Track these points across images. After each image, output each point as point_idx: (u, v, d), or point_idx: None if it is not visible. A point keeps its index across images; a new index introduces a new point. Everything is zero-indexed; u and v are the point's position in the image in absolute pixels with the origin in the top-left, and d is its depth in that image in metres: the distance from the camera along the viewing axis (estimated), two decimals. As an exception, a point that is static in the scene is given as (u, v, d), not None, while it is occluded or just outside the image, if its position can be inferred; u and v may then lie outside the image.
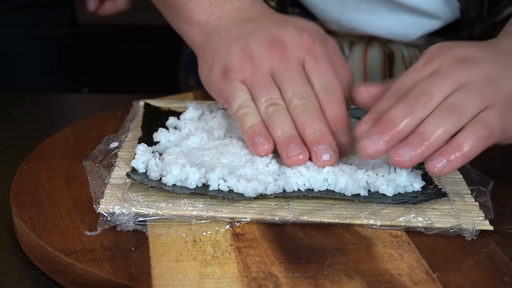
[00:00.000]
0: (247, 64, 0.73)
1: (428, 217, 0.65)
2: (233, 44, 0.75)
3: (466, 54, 0.68)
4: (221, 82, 0.75)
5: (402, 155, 0.64)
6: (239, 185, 0.67)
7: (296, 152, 0.69)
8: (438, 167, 0.64)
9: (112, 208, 0.64)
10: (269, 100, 0.72)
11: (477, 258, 0.61)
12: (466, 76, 0.66)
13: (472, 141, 0.64)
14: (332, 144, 0.70)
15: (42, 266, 0.63)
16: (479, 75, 0.66)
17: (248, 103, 0.73)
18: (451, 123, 0.64)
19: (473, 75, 0.66)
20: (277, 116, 0.71)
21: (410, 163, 0.64)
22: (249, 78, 0.73)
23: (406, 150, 0.64)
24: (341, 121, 0.72)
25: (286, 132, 0.71)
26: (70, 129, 0.83)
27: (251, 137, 0.71)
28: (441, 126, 0.64)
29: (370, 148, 0.65)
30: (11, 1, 1.15)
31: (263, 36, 0.74)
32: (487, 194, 0.68)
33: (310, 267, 0.59)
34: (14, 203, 0.68)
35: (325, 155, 0.69)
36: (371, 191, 0.68)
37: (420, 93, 0.65)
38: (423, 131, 0.64)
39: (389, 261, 0.60)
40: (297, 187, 0.68)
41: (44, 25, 1.21)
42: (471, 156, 0.64)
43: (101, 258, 0.60)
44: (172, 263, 0.59)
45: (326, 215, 0.65)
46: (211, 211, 0.65)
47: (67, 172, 0.73)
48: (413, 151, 0.64)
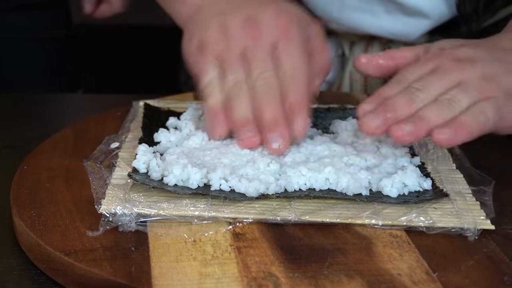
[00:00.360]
0: (221, 41, 0.75)
1: (430, 216, 0.65)
2: (213, 19, 0.76)
3: (465, 54, 0.70)
4: (196, 54, 0.76)
5: (403, 129, 0.65)
6: (240, 185, 0.67)
7: (248, 135, 0.72)
8: (445, 137, 0.65)
9: (114, 208, 0.64)
10: (234, 79, 0.73)
11: (477, 258, 0.61)
12: (463, 74, 0.68)
13: (472, 121, 0.66)
14: (283, 133, 0.71)
15: (42, 266, 0.63)
16: (476, 73, 0.68)
17: (215, 80, 0.74)
18: (447, 111, 0.66)
19: (470, 73, 0.68)
20: (238, 97, 0.73)
21: (409, 137, 0.66)
22: (221, 54, 0.75)
23: (407, 125, 0.65)
24: (300, 108, 0.72)
25: (243, 114, 0.72)
26: (70, 129, 0.83)
27: (210, 119, 0.74)
28: (438, 113, 0.66)
29: (370, 124, 0.67)
30: (8, 1, 1.15)
31: (242, 14, 0.76)
32: (488, 193, 0.68)
33: (310, 267, 0.59)
34: (14, 203, 0.68)
35: (275, 143, 0.71)
36: (373, 191, 0.68)
37: (419, 88, 0.68)
38: (421, 114, 0.66)
39: (389, 261, 0.60)
40: (298, 187, 0.68)
41: (40, 27, 1.21)
42: (472, 134, 0.66)
43: (101, 258, 0.60)
44: (172, 263, 0.59)
45: (328, 215, 0.65)
46: (213, 211, 0.65)
47: (67, 172, 0.73)
48: (414, 127, 0.65)
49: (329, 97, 0.96)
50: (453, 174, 0.72)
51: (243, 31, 0.75)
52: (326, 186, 0.68)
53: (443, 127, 0.65)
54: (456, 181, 0.71)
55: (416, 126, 0.65)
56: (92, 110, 0.90)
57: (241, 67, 0.74)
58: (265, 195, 0.67)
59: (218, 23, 0.76)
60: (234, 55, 0.74)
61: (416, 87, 0.68)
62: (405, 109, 0.67)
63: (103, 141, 0.76)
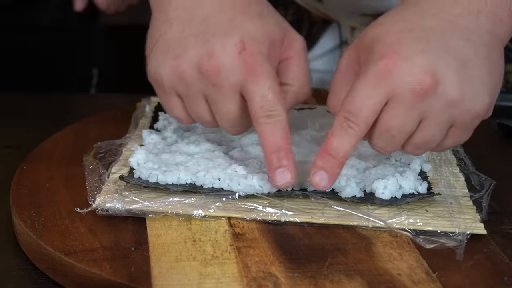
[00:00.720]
0: (179, 83, 0.67)
1: (420, 219, 0.65)
2: (170, 50, 0.67)
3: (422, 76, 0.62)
4: (155, 86, 0.70)
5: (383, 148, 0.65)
6: (233, 184, 0.67)
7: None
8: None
9: (108, 203, 0.65)
10: (200, 120, 0.69)
11: (476, 258, 0.61)
12: (427, 108, 0.63)
13: (455, 143, 0.66)
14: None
15: (42, 266, 0.63)
16: (441, 102, 0.63)
17: (183, 114, 0.70)
18: (427, 149, 0.66)
19: (433, 106, 0.63)
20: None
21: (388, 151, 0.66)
22: (183, 98, 0.69)
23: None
24: (283, 152, 0.66)
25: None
26: (70, 129, 0.83)
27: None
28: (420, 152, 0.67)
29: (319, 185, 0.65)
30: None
31: (197, 54, 0.66)
32: (486, 196, 0.68)
33: (310, 267, 0.59)
34: (14, 203, 0.68)
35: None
36: (367, 192, 0.68)
37: (383, 130, 0.64)
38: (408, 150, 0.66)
39: (388, 261, 0.60)
40: (291, 187, 0.68)
41: (56, 24, 1.22)
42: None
43: (101, 258, 0.60)
44: (171, 263, 0.59)
45: (316, 214, 0.65)
46: (206, 209, 0.65)
47: (67, 172, 0.73)
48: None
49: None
50: (454, 177, 0.72)
51: (201, 77, 0.66)
52: None
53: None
54: (455, 184, 0.71)
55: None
56: (96, 109, 0.90)
57: (207, 114, 0.68)
58: (257, 194, 0.67)
59: (173, 60, 0.67)
60: (196, 102, 0.68)
61: (380, 129, 0.64)
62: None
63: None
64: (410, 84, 0.61)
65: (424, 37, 0.63)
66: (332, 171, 0.64)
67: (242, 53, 0.65)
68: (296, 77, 0.70)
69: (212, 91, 0.66)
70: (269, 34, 0.68)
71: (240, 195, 0.66)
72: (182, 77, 0.66)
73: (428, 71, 0.62)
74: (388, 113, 0.63)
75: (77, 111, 1.02)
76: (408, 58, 0.62)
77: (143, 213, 0.65)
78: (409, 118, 0.63)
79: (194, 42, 0.66)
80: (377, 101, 0.62)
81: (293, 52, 0.70)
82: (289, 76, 0.70)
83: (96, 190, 0.67)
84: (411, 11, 0.66)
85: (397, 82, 0.62)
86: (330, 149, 0.64)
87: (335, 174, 0.64)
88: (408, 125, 0.63)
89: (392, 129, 0.63)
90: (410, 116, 0.63)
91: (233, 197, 0.66)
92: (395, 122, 0.63)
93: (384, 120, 0.63)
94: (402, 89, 0.62)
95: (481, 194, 0.68)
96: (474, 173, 0.72)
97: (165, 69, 0.67)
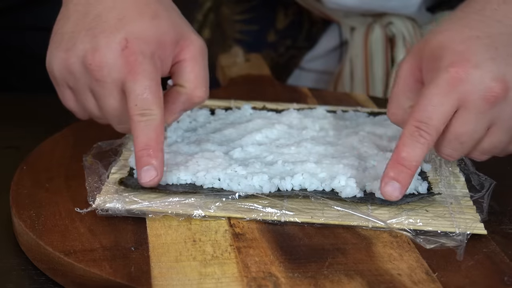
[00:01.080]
0: (68, 76, 0.70)
1: (420, 219, 0.65)
2: (62, 43, 0.70)
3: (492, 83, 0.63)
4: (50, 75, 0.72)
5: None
6: (233, 184, 0.67)
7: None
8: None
9: (108, 203, 0.65)
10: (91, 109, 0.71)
11: (477, 258, 0.61)
12: (497, 114, 0.64)
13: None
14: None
15: (41, 266, 0.63)
16: (509, 110, 0.64)
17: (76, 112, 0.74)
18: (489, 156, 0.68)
19: (503, 113, 0.64)
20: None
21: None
22: (73, 90, 0.71)
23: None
24: (152, 151, 0.67)
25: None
26: (70, 129, 0.83)
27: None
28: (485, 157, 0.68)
29: (391, 195, 0.65)
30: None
31: (84, 48, 0.68)
32: (486, 196, 0.68)
33: (310, 267, 0.59)
34: (14, 203, 0.68)
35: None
36: (367, 192, 0.68)
37: (452, 137, 0.65)
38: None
39: (389, 261, 0.60)
40: (291, 187, 0.68)
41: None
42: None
43: (101, 258, 0.60)
44: (171, 263, 0.59)
45: (316, 214, 0.65)
46: (206, 209, 0.65)
47: (67, 172, 0.73)
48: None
49: (328, 97, 0.96)
50: (454, 177, 0.72)
51: (86, 72, 0.68)
52: (321, 187, 0.68)
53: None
54: (455, 184, 0.71)
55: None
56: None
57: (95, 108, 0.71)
58: (257, 194, 0.67)
59: (63, 53, 0.69)
60: (84, 95, 0.70)
61: (449, 138, 0.65)
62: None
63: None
64: (482, 91, 0.62)
65: (492, 44, 0.64)
66: (405, 181, 0.65)
67: (125, 51, 0.67)
68: (189, 79, 0.71)
69: (96, 86, 0.68)
70: (158, 35, 0.69)
71: (240, 195, 0.66)
72: (71, 70, 0.69)
73: (498, 78, 0.62)
74: (458, 121, 0.64)
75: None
76: (479, 65, 0.63)
77: (143, 213, 0.65)
78: (478, 125, 0.64)
79: (83, 36, 0.68)
80: (449, 108, 0.63)
81: (188, 55, 0.71)
82: (182, 78, 0.71)
83: (96, 190, 0.67)
84: (473, 18, 0.67)
85: (469, 90, 0.62)
86: (402, 159, 0.64)
87: (407, 184, 0.65)
88: (477, 132, 0.64)
89: (461, 136, 0.64)
90: (480, 123, 0.64)
91: (233, 197, 0.66)
92: (465, 129, 0.64)
93: (454, 128, 0.64)
94: (474, 96, 0.63)
95: (481, 194, 0.68)
96: (474, 173, 0.71)
97: (56, 61, 0.70)
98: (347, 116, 0.84)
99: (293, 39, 1.14)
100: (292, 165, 0.70)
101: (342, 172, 0.69)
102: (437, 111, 0.63)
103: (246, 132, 0.78)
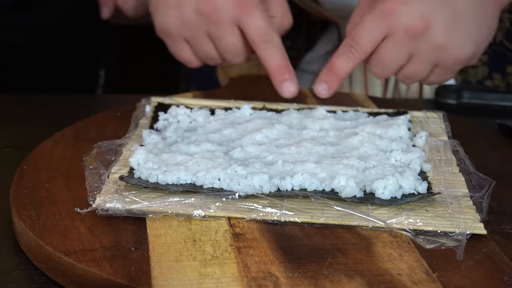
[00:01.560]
0: (184, 28, 0.79)
1: (420, 219, 0.65)
2: (171, 1, 0.80)
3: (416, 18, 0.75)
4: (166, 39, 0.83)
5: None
6: (233, 184, 0.67)
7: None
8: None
9: (108, 203, 0.65)
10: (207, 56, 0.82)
11: (476, 258, 0.61)
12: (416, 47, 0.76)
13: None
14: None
15: (42, 266, 0.63)
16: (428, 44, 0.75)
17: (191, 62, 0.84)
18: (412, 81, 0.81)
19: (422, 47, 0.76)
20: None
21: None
22: (189, 41, 0.80)
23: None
24: (285, 68, 0.79)
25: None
26: (70, 129, 0.83)
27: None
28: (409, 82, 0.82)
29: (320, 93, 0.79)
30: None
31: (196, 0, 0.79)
32: (486, 196, 0.68)
33: (310, 267, 0.59)
34: (14, 203, 0.68)
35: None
36: (367, 192, 0.68)
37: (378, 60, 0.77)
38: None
39: (388, 261, 0.60)
40: (291, 187, 0.68)
41: (66, 25, 1.23)
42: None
43: (101, 258, 0.60)
44: (171, 263, 0.59)
45: (316, 214, 0.65)
46: (206, 209, 0.65)
47: (67, 172, 0.73)
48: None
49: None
50: (455, 177, 0.72)
51: (202, 18, 0.78)
52: (321, 187, 0.68)
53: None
54: (454, 183, 0.71)
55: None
56: (91, 110, 0.90)
57: (213, 52, 0.80)
58: (257, 194, 0.67)
59: (175, 13, 0.79)
60: (201, 43, 0.79)
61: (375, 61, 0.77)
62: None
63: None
64: (406, 25, 0.75)
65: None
66: (332, 84, 0.78)
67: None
68: (277, 9, 0.83)
69: (213, 28, 0.79)
70: None
71: (240, 195, 0.66)
72: (187, 22, 0.79)
73: (422, 17, 0.74)
74: (384, 47, 0.76)
75: (77, 111, 1.02)
76: (409, 3, 0.75)
77: (143, 213, 0.65)
78: (400, 53, 0.76)
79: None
80: (377, 34, 0.76)
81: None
82: (272, 9, 0.83)
83: (96, 190, 0.67)
84: None
85: (396, 22, 0.75)
86: (333, 67, 0.78)
87: (334, 88, 0.78)
88: (399, 59, 0.77)
89: (385, 60, 0.77)
90: (401, 52, 0.76)
91: (233, 197, 0.66)
92: (388, 55, 0.76)
93: (380, 52, 0.77)
94: (399, 28, 0.75)
95: (481, 194, 0.68)
96: (474, 173, 0.72)
97: (170, 18, 0.80)
98: (347, 116, 0.84)
99: (292, 40, 1.14)
100: (292, 165, 0.71)
101: (342, 172, 0.69)
102: (367, 34, 0.76)
103: (246, 132, 0.78)
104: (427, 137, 0.79)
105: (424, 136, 0.78)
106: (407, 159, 0.72)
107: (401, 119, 0.81)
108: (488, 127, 0.87)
